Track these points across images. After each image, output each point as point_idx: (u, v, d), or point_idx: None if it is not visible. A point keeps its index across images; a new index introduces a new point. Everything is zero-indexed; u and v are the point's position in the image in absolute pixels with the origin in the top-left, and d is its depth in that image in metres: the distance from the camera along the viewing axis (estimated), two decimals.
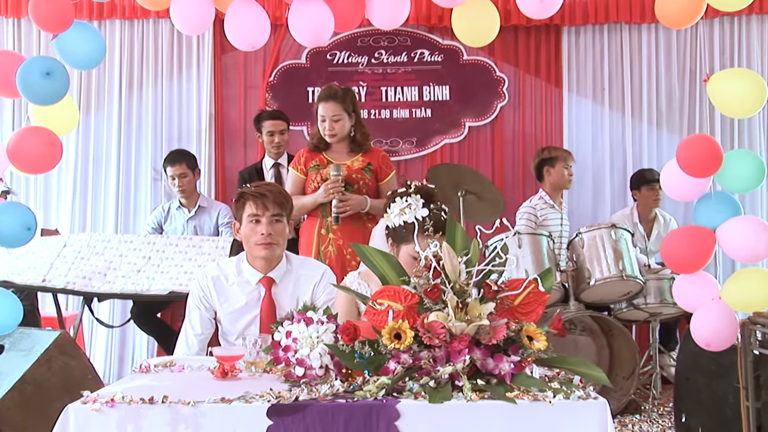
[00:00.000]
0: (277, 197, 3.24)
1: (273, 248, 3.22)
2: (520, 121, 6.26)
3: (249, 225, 3.22)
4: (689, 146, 3.22)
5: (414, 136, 6.22)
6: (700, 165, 3.17)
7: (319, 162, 4.41)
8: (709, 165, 3.16)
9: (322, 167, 4.39)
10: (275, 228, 3.22)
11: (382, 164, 4.49)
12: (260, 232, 3.19)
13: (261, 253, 3.21)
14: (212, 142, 6.13)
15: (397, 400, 2.04)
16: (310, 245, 4.33)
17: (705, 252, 3.21)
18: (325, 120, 4.39)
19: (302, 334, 2.32)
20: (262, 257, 3.23)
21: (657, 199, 5.67)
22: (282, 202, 3.25)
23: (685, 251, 3.24)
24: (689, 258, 3.24)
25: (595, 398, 2.07)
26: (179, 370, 2.62)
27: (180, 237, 4.87)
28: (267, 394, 2.08)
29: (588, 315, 4.76)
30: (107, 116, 6.15)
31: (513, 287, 2.25)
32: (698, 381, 3.65)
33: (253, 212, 3.21)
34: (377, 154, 4.52)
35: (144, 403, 2.05)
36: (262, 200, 3.20)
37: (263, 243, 3.19)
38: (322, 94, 4.45)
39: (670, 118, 6.28)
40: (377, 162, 4.46)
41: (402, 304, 2.20)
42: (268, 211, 3.20)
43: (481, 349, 2.12)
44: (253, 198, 3.21)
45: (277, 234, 3.23)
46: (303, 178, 4.45)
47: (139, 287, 4.48)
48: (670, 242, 3.31)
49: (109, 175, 6.14)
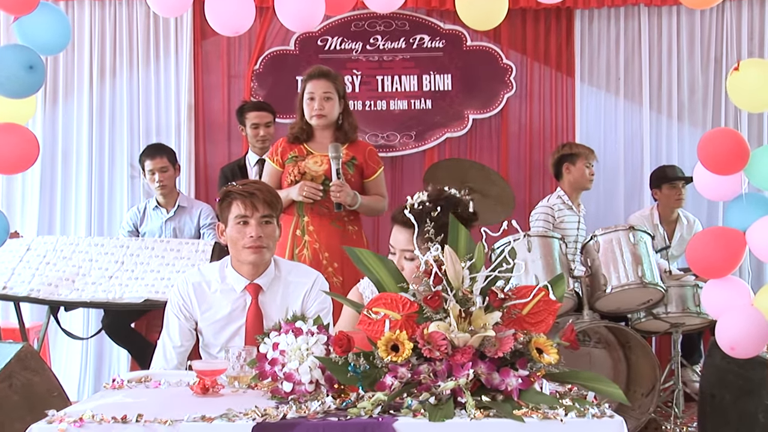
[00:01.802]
0: (267, 196, 3.24)
1: (262, 252, 3.22)
2: (529, 113, 6.26)
3: (236, 227, 3.22)
4: (711, 141, 3.22)
5: (413, 130, 6.22)
6: (723, 161, 3.17)
7: (298, 153, 4.42)
8: (733, 161, 3.17)
9: (300, 159, 4.40)
10: (265, 230, 3.22)
11: (369, 160, 4.50)
12: (249, 234, 3.18)
13: (249, 257, 3.21)
14: (192, 136, 6.13)
15: (394, 418, 2.04)
16: (284, 247, 4.31)
17: (734, 255, 3.22)
18: (314, 98, 4.40)
19: (290, 346, 2.32)
20: (250, 262, 3.22)
21: (680, 198, 5.67)
22: (272, 202, 3.25)
23: (712, 254, 3.24)
24: (717, 262, 3.24)
25: (611, 417, 2.07)
26: (155, 386, 2.62)
27: (157, 240, 4.87)
28: (252, 411, 2.08)
29: (603, 325, 4.77)
30: (77, 107, 6.15)
31: (521, 295, 2.25)
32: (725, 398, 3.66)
33: (240, 213, 3.20)
34: (364, 148, 4.53)
35: (116, 422, 2.05)
36: (251, 200, 3.20)
37: (252, 246, 3.19)
38: (312, 72, 4.48)
39: (692, 110, 6.29)
40: (363, 157, 4.47)
41: (400, 313, 2.20)
42: (257, 211, 3.20)
43: (486, 363, 2.13)
44: (241, 197, 3.21)
45: (267, 237, 3.22)
46: (279, 171, 4.45)
47: (110, 295, 4.47)
48: (696, 245, 3.32)
49: (80, 172, 6.13)
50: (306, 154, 4.41)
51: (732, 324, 3.19)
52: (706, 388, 3.86)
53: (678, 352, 5.00)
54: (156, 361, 3.28)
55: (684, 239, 5.69)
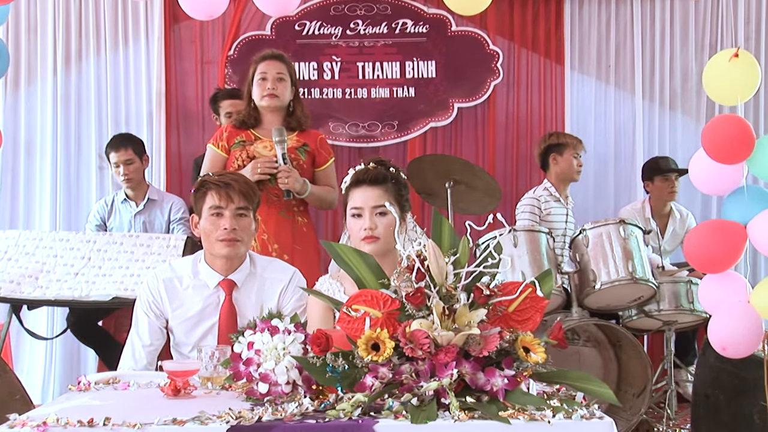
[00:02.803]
0: (243, 188, 3.24)
1: (237, 246, 3.22)
2: (516, 101, 6.28)
3: (210, 219, 3.22)
4: (716, 128, 3.24)
5: (395, 119, 6.22)
6: (728, 149, 3.19)
7: (245, 138, 4.42)
8: (739, 149, 3.18)
9: (248, 144, 4.40)
10: (240, 223, 3.22)
11: (321, 148, 4.51)
12: (223, 226, 3.19)
13: (223, 250, 3.21)
14: (163, 125, 6.11)
15: (375, 420, 2.04)
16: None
17: (734, 249, 3.24)
18: (266, 79, 4.41)
19: (266, 345, 2.32)
20: (223, 255, 3.22)
21: (672, 191, 5.70)
22: (249, 194, 3.26)
23: (712, 248, 3.27)
24: (716, 256, 3.27)
25: (601, 418, 2.07)
26: (124, 388, 2.61)
27: (125, 235, 4.84)
28: (226, 414, 2.07)
29: (593, 323, 4.79)
30: (41, 94, 6.11)
31: (507, 291, 2.25)
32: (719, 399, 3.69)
33: (215, 204, 3.21)
34: (315, 136, 4.54)
35: (82, 426, 2.04)
36: (227, 191, 3.20)
37: (226, 239, 3.19)
38: (264, 53, 4.52)
39: (686, 99, 6.32)
40: (315, 144, 4.48)
41: (380, 311, 2.20)
42: (232, 203, 3.20)
43: (471, 362, 2.13)
44: (216, 188, 3.21)
45: (242, 230, 3.23)
46: (224, 157, 4.45)
47: (77, 293, 4.45)
48: (695, 238, 3.34)
49: (44, 163, 6.10)
50: (254, 139, 4.41)
51: (724, 323, 3.21)
52: (699, 389, 3.88)
53: (671, 351, 5.03)
54: (124, 361, 3.27)
55: (677, 233, 5.73)
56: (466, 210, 5.32)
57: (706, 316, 4.62)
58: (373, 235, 2.99)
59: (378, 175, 3.05)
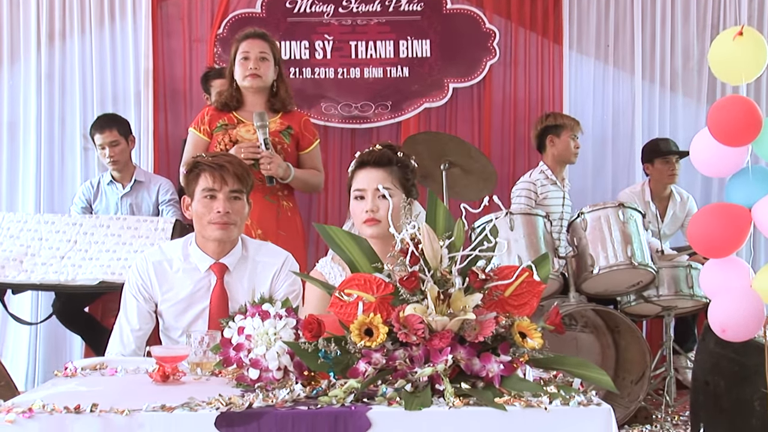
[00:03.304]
0: (238, 170, 3.24)
1: (230, 229, 3.22)
2: (513, 82, 6.27)
3: (202, 201, 3.22)
4: (723, 109, 3.24)
5: (388, 100, 6.21)
6: (735, 131, 3.19)
7: (228, 121, 4.42)
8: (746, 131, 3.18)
9: (231, 127, 4.40)
10: (233, 206, 3.22)
11: (305, 130, 4.51)
12: (216, 209, 3.19)
13: (215, 234, 3.21)
14: (151, 104, 6.09)
15: (368, 406, 2.05)
16: None
17: (739, 233, 3.24)
18: (249, 58, 4.41)
19: (257, 330, 2.32)
20: (215, 239, 3.23)
21: (673, 174, 5.71)
22: (243, 176, 3.26)
23: (716, 232, 3.27)
24: (721, 240, 3.27)
25: (598, 405, 2.08)
26: (111, 374, 2.62)
27: (112, 217, 4.84)
28: (215, 400, 2.08)
29: (591, 309, 4.80)
30: (24, 73, 6.09)
31: (503, 276, 2.26)
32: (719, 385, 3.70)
33: (208, 186, 3.20)
34: (299, 118, 4.54)
35: (69, 412, 2.04)
36: (221, 172, 3.20)
37: (218, 222, 3.19)
38: (246, 32, 4.53)
39: (686, 80, 6.32)
40: (299, 126, 4.48)
41: (374, 295, 2.21)
42: (226, 185, 3.20)
43: (466, 348, 2.14)
44: (210, 169, 3.21)
45: (236, 213, 3.23)
46: (206, 141, 4.45)
47: (62, 277, 4.45)
48: (699, 222, 3.34)
49: (28, 144, 6.08)
50: (237, 122, 4.41)
51: (724, 305, 3.22)
52: (699, 375, 3.90)
53: (670, 337, 5.05)
54: (112, 345, 3.28)
55: (677, 217, 5.74)
56: (461, 195, 5.32)
57: (706, 301, 4.63)
58: (374, 218, 3.00)
59: (383, 157, 3.05)
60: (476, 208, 2.39)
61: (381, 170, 3.04)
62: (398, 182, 3.02)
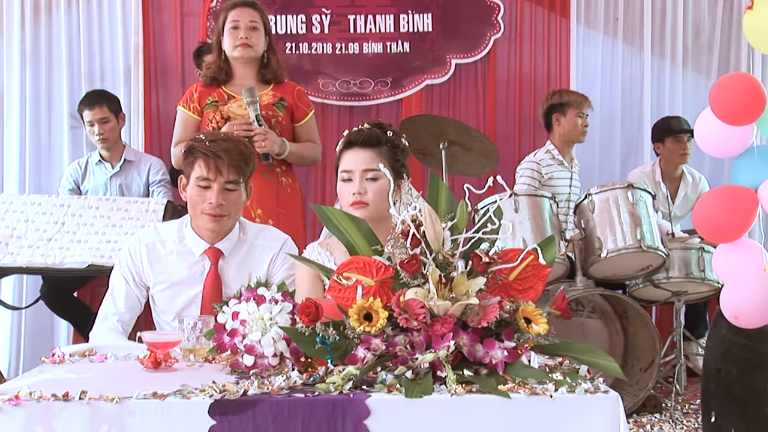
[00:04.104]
0: (235, 159, 3.21)
1: (222, 221, 3.22)
2: (518, 57, 6.27)
3: (196, 189, 3.21)
4: (725, 87, 3.23)
5: (389, 76, 6.20)
6: (737, 109, 3.18)
7: (218, 98, 4.40)
8: (749, 109, 3.17)
9: (221, 104, 4.38)
10: (228, 197, 3.21)
11: (299, 101, 4.49)
12: (208, 200, 3.18)
13: (207, 224, 3.22)
14: (141, 81, 6.08)
15: (367, 394, 2.05)
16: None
17: (746, 216, 3.24)
18: (239, 27, 4.38)
19: (252, 315, 2.32)
20: (207, 229, 3.23)
21: (684, 153, 5.70)
22: (240, 166, 3.23)
23: (721, 216, 3.26)
24: (726, 224, 3.27)
25: (606, 392, 2.08)
26: (101, 360, 2.62)
27: (101, 198, 4.84)
28: (209, 387, 2.08)
29: (598, 293, 4.81)
30: (7, 49, 6.07)
31: (508, 259, 2.26)
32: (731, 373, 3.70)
33: (202, 175, 3.19)
34: (291, 88, 4.52)
35: (57, 400, 2.04)
36: (216, 162, 3.17)
37: (210, 213, 3.19)
38: (234, 1, 4.46)
39: (697, 55, 6.31)
40: (292, 98, 4.46)
41: (373, 279, 2.21)
42: (221, 176, 3.18)
43: (469, 334, 2.14)
44: (205, 157, 3.18)
45: (230, 204, 3.22)
46: (196, 120, 4.43)
47: (50, 260, 4.45)
48: (703, 206, 3.34)
49: (12, 122, 6.07)
50: (227, 98, 4.39)
51: (737, 290, 3.22)
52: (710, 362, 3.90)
53: (680, 323, 5.06)
54: (96, 331, 3.25)
55: (688, 198, 5.74)
56: (462, 171, 5.32)
57: (719, 285, 4.64)
58: (362, 201, 2.98)
59: (371, 137, 3.03)
60: (478, 185, 2.38)
61: (369, 151, 3.01)
62: (387, 163, 2.98)
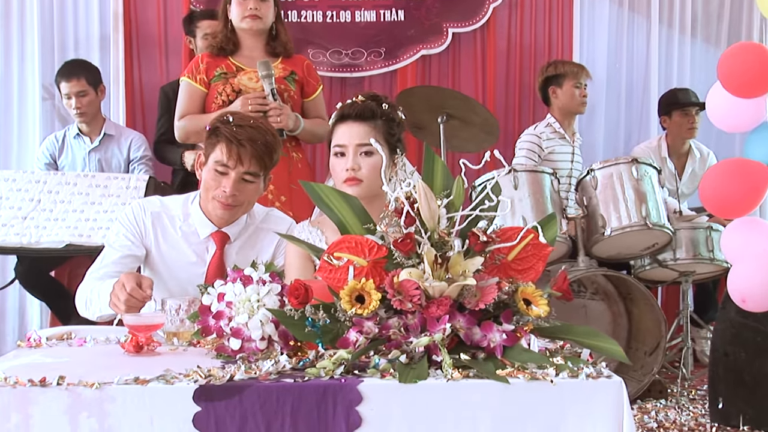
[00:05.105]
0: (259, 150, 3.16)
1: (233, 211, 3.21)
2: (518, 26, 6.26)
3: (213, 173, 3.17)
4: (734, 58, 3.23)
5: (382, 46, 6.18)
6: (746, 81, 3.18)
7: (227, 69, 4.38)
8: (759, 81, 3.17)
9: (231, 75, 4.36)
10: (243, 188, 3.18)
11: (309, 75, 4.49)
12: (223, 187, 3.15)
13: (216, 212, 3.20)
14: (120, 51, 6.04)
15: (359, 379, 2.05)
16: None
17: (755, 191, 3.24)
18: None
19: (238, 296, 2.33)
20: (216, 216, 3.22)
21: (692, 127, 5.71)
22: (263, 158, 3.18)
23: (729, 190, 3.27)
24: (735, 199, 3.27)
25: (609, 377, 2.09)
26: (79, 344, 2.63)
27: (80, 174, 4.83)
28: (194, 372, 2.08)
29: (601, 274, 4.82)
30: None
31: (506, 238, 2.26)
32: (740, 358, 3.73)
33: (222, 161, 3.15)
34: (301, 62, 4.51)
35: (34, 385, 2.04)
36: (238, 150, 3.13)
37: (221, 202, 3.17)
38: None
39: (707, 25, 6.31)
40: (302, 72, 4.45)
41: (366, 259, 2.21)
42: (241, 166, 3.14)
43: (466, 316, 2.14)
44: (228, 143, 3.14)
45: (244, 196, 3.20)
46: (203, 92, 4.41)
47: (25, 239, 4.45)
48: (711, 179, 3.35)
49: None
50: (236, 70, 4.38)
51: (745, 273, 3.23)
52: (718, 346, 3.93)
53: (687, 305, 5.07)
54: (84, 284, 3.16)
55: (696, 174, 5.75)
56: (460, 148, 5.32)
57: (727, 266, 4.65)
58: (355, 177, 2.98)
59: (365, 110, 3.02)
60: (477, 163, 2.38)
61: (363, 124, 3.01)
62: (382, 138, 2.99)
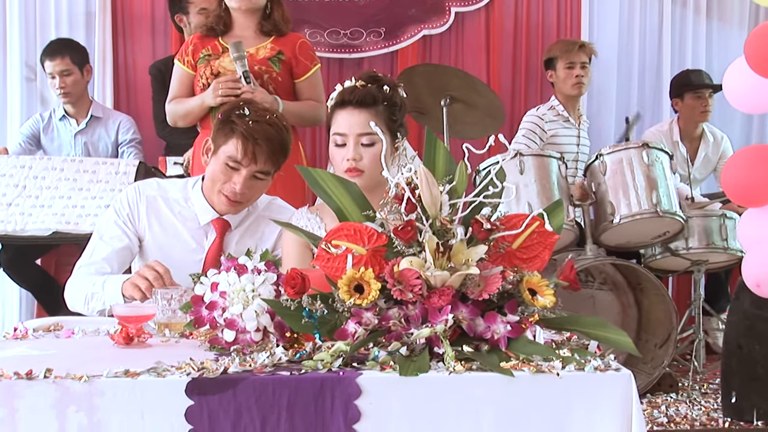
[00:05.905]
0: (275, 148, 3.18)
1: (237, 207, 3.23)
2: (525, 5, 6.25)
3: (223, 167, 3.17)
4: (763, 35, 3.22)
5: (382, 26, 6.18)
6: None
7: (212, 50, 4.39)
8: None
9: (214, 57, 4.37)
10: (253, 186, 3.20)
11: (301, 55, 4.46)
12: (233, 183, 3.16)
13: (221, 206, 3.22)
14: (107, 29, 6.04)
15: (358, 372, 2.06)
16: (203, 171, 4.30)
17: None
18: None
19: (233, 286, 2.33)
20: (220, 210, 3.24)
21: (705, 110, 5.70)
22: (278, 158, 3.20)
23: (752, 178, 3.27)
24: (758, 187, 3.27)
25: (617, 370, 2.09)
26: (67, 336, 2.63)
27: (67, 159, 4.83)
28: (186, 365, 2.08)
29: (610, 263, 4.83)
30: None
31: (511, 225, 2.26)
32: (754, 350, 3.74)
33: (235, 157, 3.15)
34: (293, 41, 4.48)
35: (20, 378, 2.04)
36: (254, 148, 3.14)
37: (229, 197, 3.18)
38: None
39: (723, 3, 6.29)
40: (292, 51, 4.43)
41: (365, 247, 2.21)
42: (254, 164, 3.15)
43: (469, 306, 2.15)
44: (244, 140, 3.14)
45: (252, 192, 3.22)
46: (191, 75, 4.44)
47: (10, 226, 4.45)
48: (734, 166, 3.35)
49: None
50: (221, 51, 4.38)
51: (760, 257, 3.24)
52: (732, 338, 3.93)
53: (700, 295, 5.07)
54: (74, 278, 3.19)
55: (709, 159, 5.75)
56: (463, 134, 5.32)
57: (742, 255, 4.65)
58: (357, 168, 2.98)
59: (367, 95, 3.01)
60: (481, 148, 2.38)
61: (365, 111, 3.00)
62: (384, 124, 2.97)
